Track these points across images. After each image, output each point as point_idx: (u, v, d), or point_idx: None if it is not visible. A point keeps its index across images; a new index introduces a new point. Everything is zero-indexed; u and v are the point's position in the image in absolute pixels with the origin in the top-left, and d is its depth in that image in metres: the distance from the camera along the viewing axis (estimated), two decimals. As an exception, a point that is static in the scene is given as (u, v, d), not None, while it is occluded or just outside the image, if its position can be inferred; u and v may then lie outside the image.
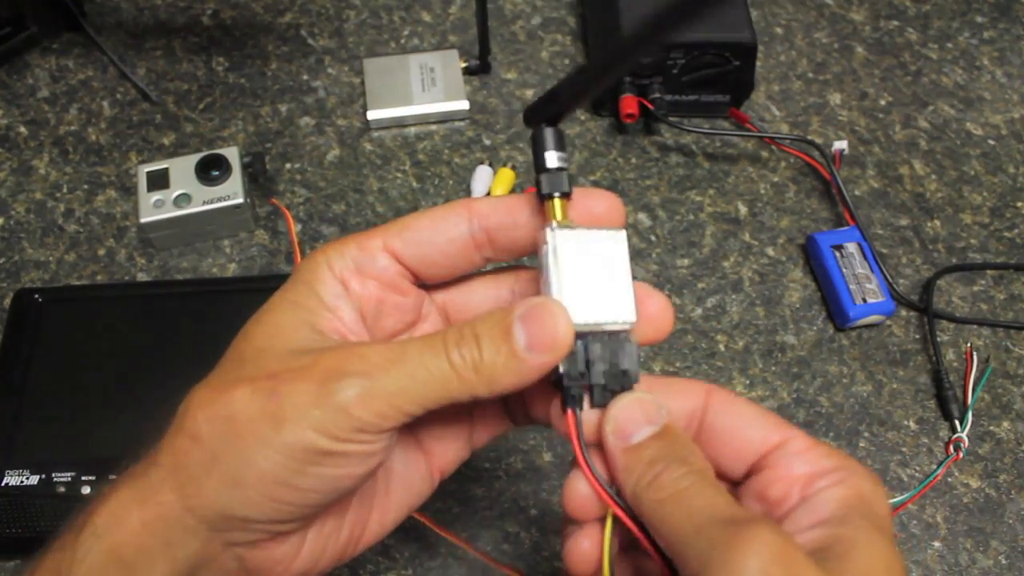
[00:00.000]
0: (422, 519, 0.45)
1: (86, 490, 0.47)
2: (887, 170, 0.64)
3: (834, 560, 0.25)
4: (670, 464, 0.27)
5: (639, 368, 0.29)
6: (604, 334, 0.29)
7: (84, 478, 0.47)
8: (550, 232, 0.29)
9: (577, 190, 0.30)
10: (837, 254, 0.57)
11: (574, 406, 0.29)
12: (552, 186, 0.29)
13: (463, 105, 0.64)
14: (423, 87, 0.65)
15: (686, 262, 0.59)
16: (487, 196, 0.60)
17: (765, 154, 0.64)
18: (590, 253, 0.29)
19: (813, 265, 0.59)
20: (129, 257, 0.58)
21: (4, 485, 0.47)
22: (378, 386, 0.27)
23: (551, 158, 0.30)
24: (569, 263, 0.29)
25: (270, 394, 0.27)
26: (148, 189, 0.57)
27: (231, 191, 0.57)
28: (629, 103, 0.61)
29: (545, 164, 0.30)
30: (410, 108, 0.64)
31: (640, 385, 0.30)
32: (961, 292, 0.59)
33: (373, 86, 0.65)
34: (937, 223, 0.61)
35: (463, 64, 0.66)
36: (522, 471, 0.51)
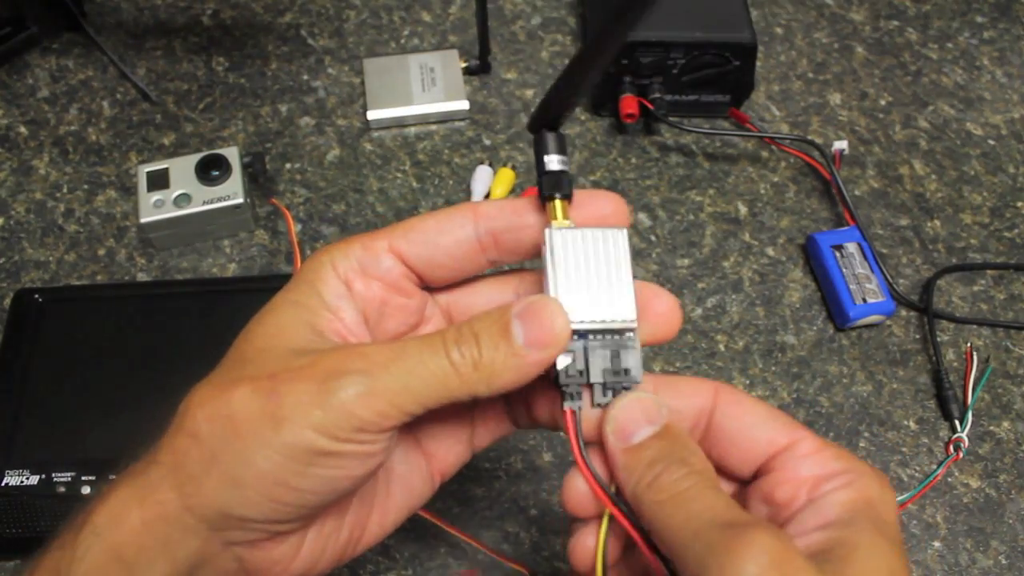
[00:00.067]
0: (426, 515, 0.45)
1: (86, 490, 0.47)
2: (887, 170, 0.64)
3: (835, 563, 0.25)
4: (670, 465, 0.27)
5: (641, 368, 0.29)
6: (606, 333, 0.29)
7: (84, 478, 0.47)
8: (548, 232, 0.30)
9: (582, 192, 0.31)
10: (837, 254, 0.57)
11: (573, 404, 0.29)
12: (552, 188, 0.30)
13: (463, 105, 0.64)
14: (423, 87, 0.65)
15: (686, 262, 0.59)
16: (491, 198, 0.61)
17: (765, 154, 0.64)
18: (590, 252, 0.29)
19: (813, 265, 0.59)
20: (129, 257, 0.58)
21: (4, 485, 0.47)
22: (379, 384, 0.27)
23: (551, 161, 0.30)
24: (567, 262, 0.29)
25: (270, 394, 0.27)
26: (148, 189, 0.57)
27: (231, 191, 0.57)
28: (629, 103, 0.61)
29: (545, 167, 0.30)
30: (410, 108, 0.64)
31: (647, 384, 0.30)
32: (961, 292, 0.59)
33: (373, 86, 0.65)
34: (937, 223, 0.61)
35: (463, 64, 0.66)
36: (522, 471, 0.51)
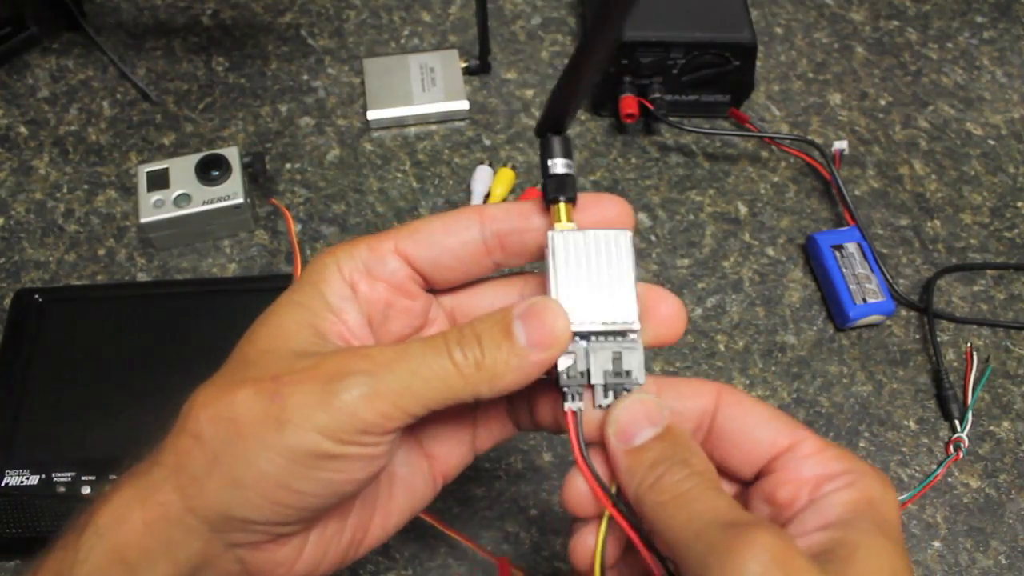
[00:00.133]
0: (427, 518, 0.45)
1: (86, 490, 0.47)
2: (887, 170, 0.64)
3: (837, 563, 0.25)
4: (672, 466, 0.27)
5: (643, 370, 0.30)
6: (609, 335, 0.29)
7: (84, 478, 0.47)
8: (551, 234, 0.30)
9: (587, 195, 0.31)
10: (837, 254, 0.57)
11: (574, 405, 0.29)
12: (557, 191, 0.30)
13: (463, 105, 0.64)
14: (423, 87, 0.65)
15: (686, 262, 0.59)
16: (491, 198, 0.61)
17: (765, 154, 0.64)
18: (592, 254, 0.29)
19: (813, 265, 0.59)
20: (129, 257, 0.58)
21: (4, 485, 0.47)
22: (382, 385, 0.27)
23: (556, 164, 0.31)
24: (569, 264, 0.29)
25: (273, 395, 0.27)
26: (148, 189, 0.57)
27: (231, 191, 0.57)
28: (629, 103, 0.61)
29: (550, 170, 0.31)
30: (410, 108, 0.64)
31: (649, 386, 0.30)
32: (961, 292, 0.59)
33: (373, 86, 0.65)
34: (937, 223, 0.61)
35: (463, 64, 0.66)
36: (522, 471, 0.51)
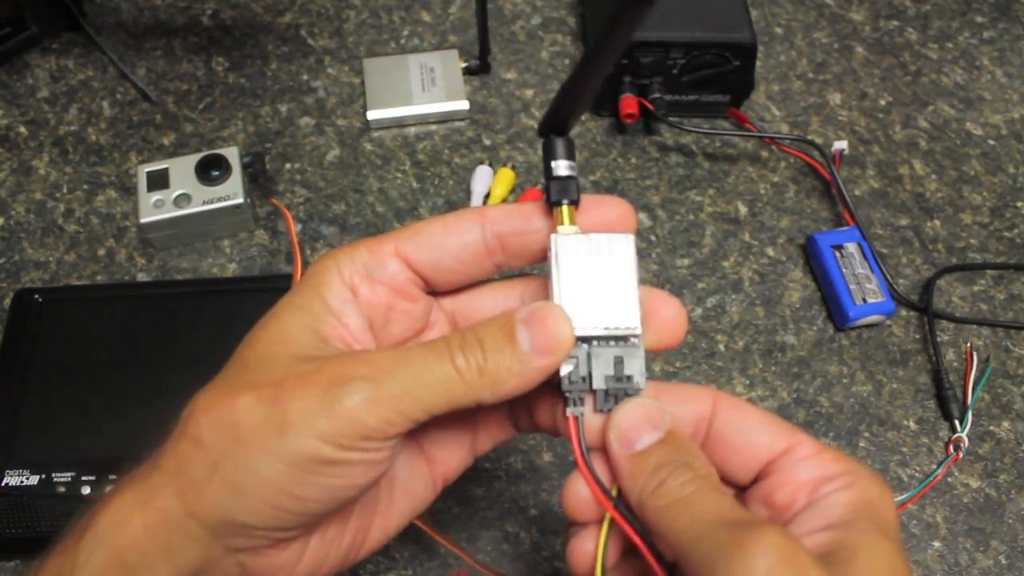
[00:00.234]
0: (421, 525, 0.45)
1: (86, 490, 0.47)
2: (887, 170, 0.64)
3: (839, 564, 0.25)
4: (675, 470, 0.27)
5: (644, 374, 0.29)
6: (610, 339, 0.29)
7: (84, 478, 0.47)
8: (554, 238, 0.29)
9: (589, 197, 0.31)
10: (837, 254, 0.57)
11: (575, 410, 0.29)
12: (560, 193, 0.30)
13: (463, 105, 0.64)
14: (423, 87, 0.65)
15: (686, 262, 0.59)
16: (491, 198, 0.61)
17: (765, 154, 0.64)
18: (595, 258, 0.29)
19: (813, 265, 0.59)
20: (129, 257, 0.58)
21: (4, 485, 0.47)
22: (384, 391, 0.27)
23: (559, 166, 0.30)
24: (572, 268, 0.29)
25: (274, 401, 0.27)
26: (148, 189, 0.57)
27: (231, 191, 0.57)
28: (629, 103, 0.61)
29: (553, 172, 0.30)
30: (410, 108, 0.64)
31: (647, 391, 0.30)
32: (961, 292, 0.59)
33: (373, 86, 0.65)
34: (937, 223, 0.61)
35: (463, 64, 0.66)
36: (522, 471, 0.51)
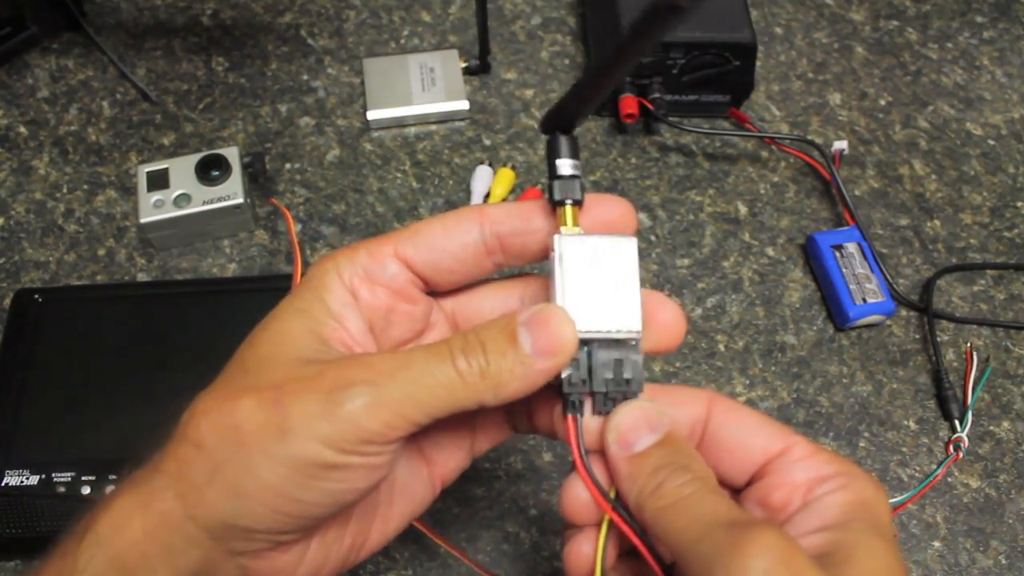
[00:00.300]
0: (420, 527, 0.45)
1: (86, 490, 0.47)
2: (887, 170, 0.64)
3: (836, 565, 0.25)
4: (673, 472, 0.27)
5: (643, 377, 0.29)
6: (609, 342, 0.29)
7: (84, 478, 0.47)
8: (557, 239, 0.29)
9: (590, 196, 0.30)
10: (837, 254, 0.57)
11: (575, 412, 0.29)
12: (563, 193, 0.30)
13: (463, 105, 0.64)
14: (423, 87, 0.65)
15: (686, 262, 0.59)
16: (491, 198, 0.61)
17: (765, 154, 0.64)
18: (598, 260, 0.29)
19: (813, 265, 0.59)
20: (129, 257, 0.58)
21: (4, 485, 0.47)
22: (385, 394, 0.27)
23: (563, 165, 0.30)
24: (575, 270, 0.29)
25: (275, 404, 0.27)
26: (148, 189, 0.57)
27: (231, 191, 0.57)
28: (629, 103, 0.61)
29: (557, 171, 0.30)
30: (410, 108, 0.64)
31: (644, 393, 0.30)
32: (961, 292, 0.59)
33: (373, 86, 0.65)
34: (937, 223, 0.61)
35: (463, 64, 0.66)
36: (522, 471, 0.51)
